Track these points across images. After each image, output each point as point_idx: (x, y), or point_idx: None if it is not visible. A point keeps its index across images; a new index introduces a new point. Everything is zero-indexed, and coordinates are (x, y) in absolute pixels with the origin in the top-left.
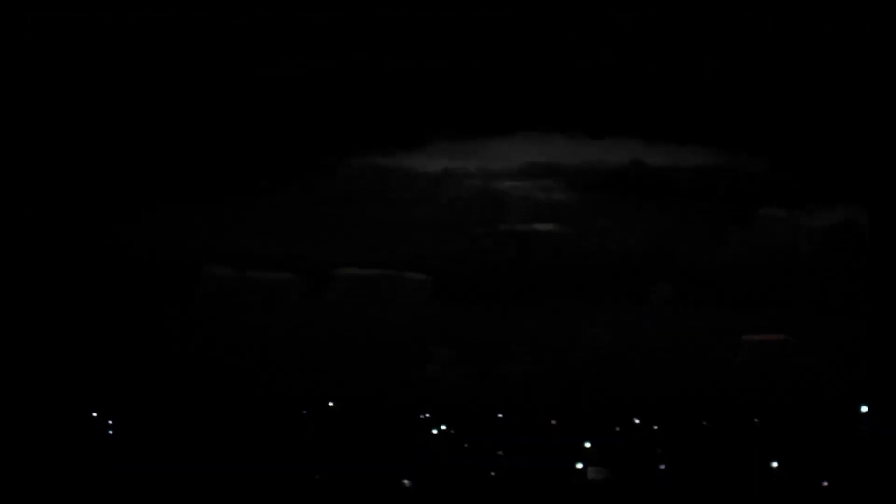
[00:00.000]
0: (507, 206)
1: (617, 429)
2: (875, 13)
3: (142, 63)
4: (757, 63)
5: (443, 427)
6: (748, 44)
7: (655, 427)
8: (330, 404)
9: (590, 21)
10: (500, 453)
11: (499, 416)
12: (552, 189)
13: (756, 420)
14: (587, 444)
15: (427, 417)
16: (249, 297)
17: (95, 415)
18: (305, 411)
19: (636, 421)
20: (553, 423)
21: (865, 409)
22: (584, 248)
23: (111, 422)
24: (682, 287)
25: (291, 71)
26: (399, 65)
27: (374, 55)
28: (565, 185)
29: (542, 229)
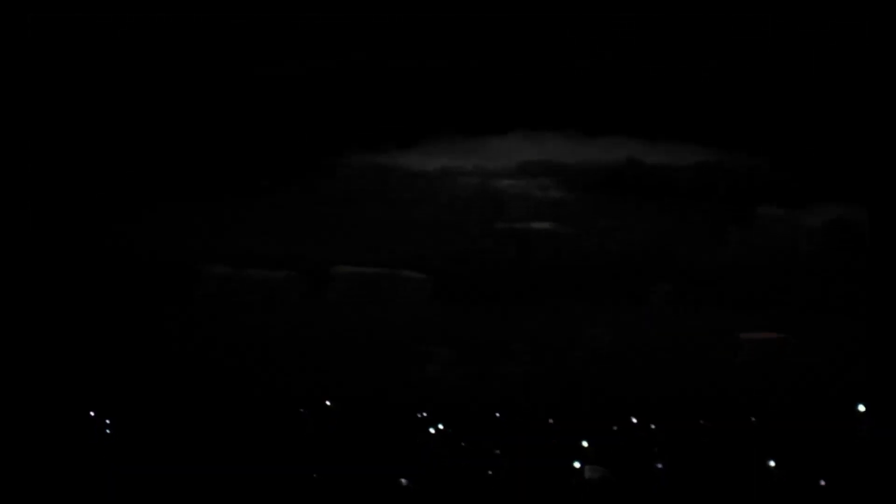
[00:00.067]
0: (505, 205)
1: (614, 427)
2: (875, 13)
3: (142, 63)
4: (756, 62)
5: (440, 426)
6: (747, 43)
7: (653, 426)
8: (327, 403)
9: (589, 21)
10: (497, 452)
11: (497, 416)
12: (549, 187)
13: (753, 419)
14: (584, 444)
15: (424, 416)
16: (249, 297)
17: (95, 415)
18: (304, 411)
19: (633, 420)
20: (550, 423)
21: (862, 409)
22: (584, 248)
23: (111, 422)
24: (682, 287)
25: (291, 71)
26: (399, 65)
27: (374, 55)
28: (563, 184)
29: (540, 228)
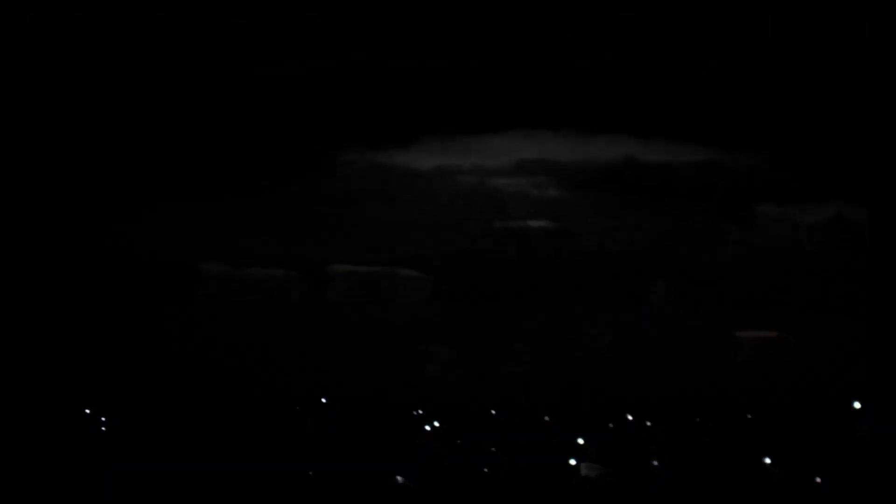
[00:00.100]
0: (504, 204)
1: (610, 425)
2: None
3: (142, 63)
4: (756, 62)
5: (436, 424)
6: (747, 43)
7: (648, 423)
8: (323, 400)
9: (588, 21)
10: (496, 452)
11: (494, 415)
12: (548, 186)
13: (749, 417)
14: (580, 441)
15: (420, 414)
16: (249, 297)
17: (95, 414)
18: (303, 410)
19: (629, 418)
20: (546, 420)
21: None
22: (584, 248)
23: (111, 421)
24: (682, 286)
25: (291, 71)
26: (399, 65)
27: (374, 55)
28: (562, 183)
29: (539, 226)
